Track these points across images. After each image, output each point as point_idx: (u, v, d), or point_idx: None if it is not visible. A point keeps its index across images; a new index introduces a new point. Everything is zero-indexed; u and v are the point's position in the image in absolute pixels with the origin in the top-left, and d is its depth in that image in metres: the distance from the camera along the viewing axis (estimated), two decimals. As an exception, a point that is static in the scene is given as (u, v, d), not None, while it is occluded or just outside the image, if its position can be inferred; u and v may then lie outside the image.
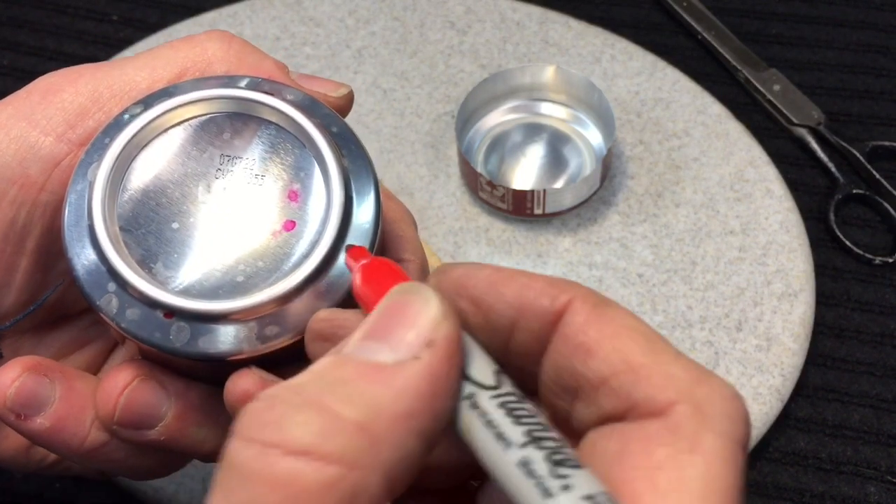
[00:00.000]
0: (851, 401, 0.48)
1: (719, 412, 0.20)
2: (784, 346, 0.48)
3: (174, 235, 0.26)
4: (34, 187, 0.28)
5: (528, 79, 0.56)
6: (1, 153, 0.28)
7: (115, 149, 0.27)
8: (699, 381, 0.21)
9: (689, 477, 0.19)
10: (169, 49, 0.30)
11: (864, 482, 0.45)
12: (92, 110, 0.29)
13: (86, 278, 0.26)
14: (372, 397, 0.20)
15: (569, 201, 0.52)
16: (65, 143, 0.28)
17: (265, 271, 0.26)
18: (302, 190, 0.27)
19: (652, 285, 0.50)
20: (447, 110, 0.58)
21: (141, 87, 0.29)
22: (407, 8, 0.63)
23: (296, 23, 0.62)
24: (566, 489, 0.19)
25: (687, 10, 0.63)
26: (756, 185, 0.54)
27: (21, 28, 0.65)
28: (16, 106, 0.29)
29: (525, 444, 0.20)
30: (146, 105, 0.28)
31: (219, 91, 0.28)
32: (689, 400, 0.20)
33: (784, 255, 0.51)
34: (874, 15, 0.63)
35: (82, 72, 0.29)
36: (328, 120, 0.28)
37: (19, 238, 0.29)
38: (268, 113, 0.28)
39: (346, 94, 0.31)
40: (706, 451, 0.19)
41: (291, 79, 0.30)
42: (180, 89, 0.28)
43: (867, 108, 0.58)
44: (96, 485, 0.47)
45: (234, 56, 0.30)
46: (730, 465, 0.20)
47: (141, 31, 0.63)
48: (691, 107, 0.57)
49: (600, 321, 0.21)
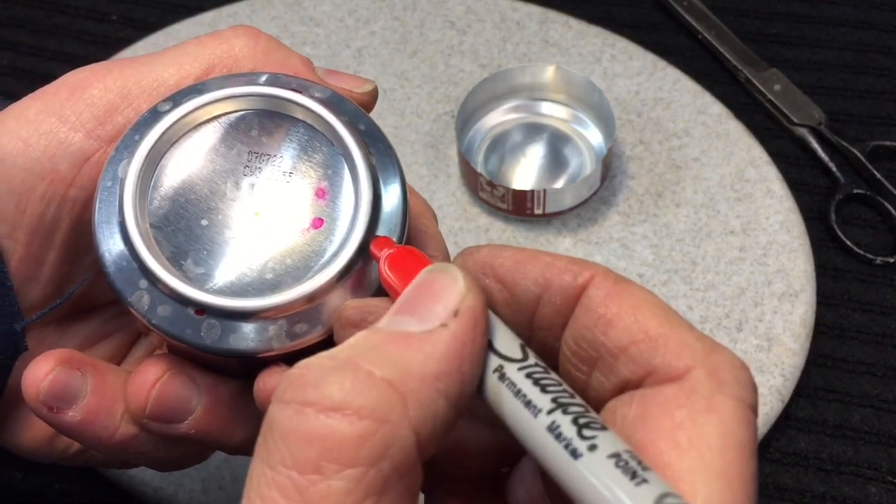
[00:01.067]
0: (852, 401, 0.48)
1: (732, 378, 0.21)
2: (785, 347, 0.48)
3: (203, 232, 0.27)
4: (63, 183, 0.29)
5: (529, 78, 0.56)
6: (31, 148, 0.28)
7: (145, 146, 0.27)
8: (713, 350, 0.22)
9: (707, 434, 0.20)
10: (196, 45, 0.30)
11: (864, 482, 0.45)
12: (121, 107, 0.29)
13: (117, 275, 0.26)
14: (401, 359, 0.21)
15: (569, 201, 0.52)
16: (94, 140, 0.29)
17: (294, 269, 0.27)
18: (330, 188, 0.27)
19: (652, 285, 0.50)
20: (447, 110, 0.58)
21: (169, 83, 0.29)
22: (407, 8, 0.63)
23: (296, 23, 0.62)
24: (592, 449, 0.20)
25: (687, 10, 0.63)
26: (757, 185, 0.54)
27: (21, 28, 0.65)
28: (44, 101, 0.29)
29: (552, 410, 0.21)
30: (175, 102, 0.28)
31: (248, 88, 0.28)
32: (704, 365, 0.21)
33: (785, 255, 0.51)
34: (875, 14, 0.62)
35: (111, 68, 0.29)
36: (355, 117, 0.28)
37: (48, 232, 0.29)
38: (296, 110, 0.28)
39: (371, 90, 0.31)
40: (722, 410, 0.21)
41: (317, 75, 0.30)
42: (209, 86, 0.28)
43: (868, 108, 0.58)
44: (96, 485, 0.47)
45: (260, 52, 0.30)
46: (744, 424, 0.21)
47: (141, 30, 0.63)
48: (692, 107, 0.57)
49: (620, 295, 0.23)
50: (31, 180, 0.28)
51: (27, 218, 0.29)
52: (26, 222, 0.29)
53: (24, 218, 0.28)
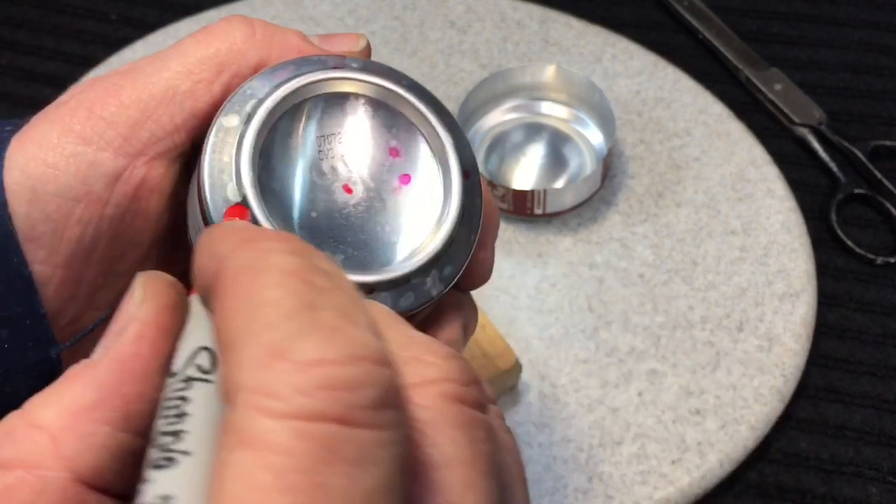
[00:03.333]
0: (853, 401, 0.48)
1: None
2: (785, 347, 0.48)
3: (318, 223, 0.28)
4: (99, 203, 0.28)
5: (529, 78, 0.55)
6: (61, 174, 0.28)
7: (245, 174, 0.27)
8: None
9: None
10: (197, 46, 0.30)
11: (865, 483, 0.45)
12: (141, 120, 0.29)
13: None
14: (63, 396, 0.21)
15: (569, 201, 0.51)
16: (123, 157, 0.28)
17: (413, 223, 0.28)
18: (400, 144, 0.29)
19: (653, 285, 0.50)
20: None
21: (182, 90, 0.29)
22: (407, 7, 0.62)
23: (296, 22, 0.62)
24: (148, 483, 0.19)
25: (688, 10, 0.62)
26: (757, 185, 0.54)
27: (20, 27, 0.64)
28: (63, 124, 0.29)
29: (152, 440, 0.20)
30: (237, 114, 0.28)
31: (300, 80, 0.28)
32: (246, 389, 0.18)
33: (785, 255, 0.51)
34: (876, 14, 0.62)
35: (121, 83, 0.29)
36: (394, 75, 0.29)
37: (87, 253, 0.29)
38: (345, 85, 0.29)
39: (366, 44, 0.32)
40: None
41: (315, 45, 0.31)
42: (260, 88, 0.28)
43: (869, 108, 0.58)
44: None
45: (261, 40, 0.30)
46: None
47: (140, 30, 0.63)
48: (692, 106, 0.57)
49: (226, 296, 0.19)
50: (67, 205, 0.28)
51: (65, 243, 0.28)
52: (64, 247, 0.28)
53: (62, 243, 0.28)
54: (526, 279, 0.50)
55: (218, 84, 0.29)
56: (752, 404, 0.46)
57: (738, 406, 0.46)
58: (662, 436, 0.45)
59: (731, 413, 0.46)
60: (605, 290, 0.50)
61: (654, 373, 0.47)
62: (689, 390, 0.47)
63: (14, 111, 0.60)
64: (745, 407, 0.46)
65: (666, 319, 0.49)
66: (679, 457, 0.45)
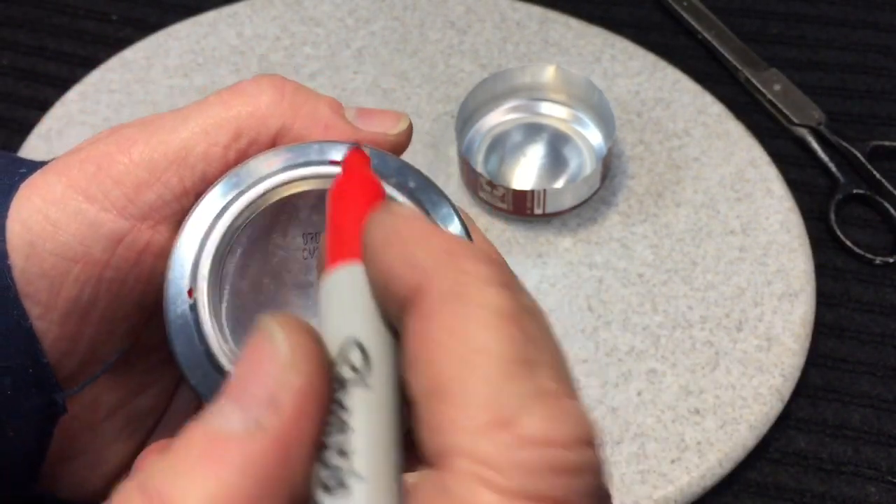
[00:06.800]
0: (852, 401, 0.48)
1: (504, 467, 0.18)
2: (784, 347, 0.48)
3: None
4: (97, 265, 0.27)
5: (528, 79, 0.56)
6: (61, 232, 0.27)
7: (203, 267, 0.25)
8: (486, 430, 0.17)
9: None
10: (220, 106, 0.28)
11: (864, 482, 0.45)
12: (149, 181, 0.27)
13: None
14: (209, 483, 0.18)
15: (569, 201, 0.52)
16: (126, 219, 0.27)
17: None
18: None
19: (652, 285, 0.50)
20: (447, 110, 0.58)
21: (196, 151, 0.28)
22: (407, 8, 0.63)
23: (296, 23, 0.62)
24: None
25: (687, 10, 0.63)
26: (756, 185, 0.54)
27: (20, 27, 0.65)
28: (70, 177, 0.27)
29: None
30: (216, 203, 0.26)
31: (289, 174, 0.26)
32: (467, 456, 0.17)
33: (784, 255, 0.51)
34: (875, 14, 0.62)
35: (135, 138, 0.28)
36: (402, 176, 0.27)
37: (83, 312, 0.28)
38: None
39: (407, 128, 0.29)
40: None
41: (347, 120, 0.29)
42: (247, 176, 0.27)
43: (868, 108, 0.58)
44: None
45: (287, 107, 0.28)
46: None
47: (140, 30, 0.63)
48: (692, 107, 0.57)
49: (435, 320, 0.18)
50: (63, 265, 0.27)
51: (61, 301, 0.27)
52: (60, 305, 0.27)
53: (58, 301, 0.27)
54: (525, 279, 0.51)
55: (233, 150, 0.28)
56: (752, 404, 0.46)
57: (738, 405, 0.46)
58: (662, 435, 0.45)
59: (730, 412, 0.46)
60: (605, 290, 0.50)
61: (653, 372, 0.47)
62: (689, 390, 0.47)
63: (14, 111, 0.60)
64: (745, 406, 0.46)
65: (665, 319, 0.49)
66: (678, 456, 0.45)
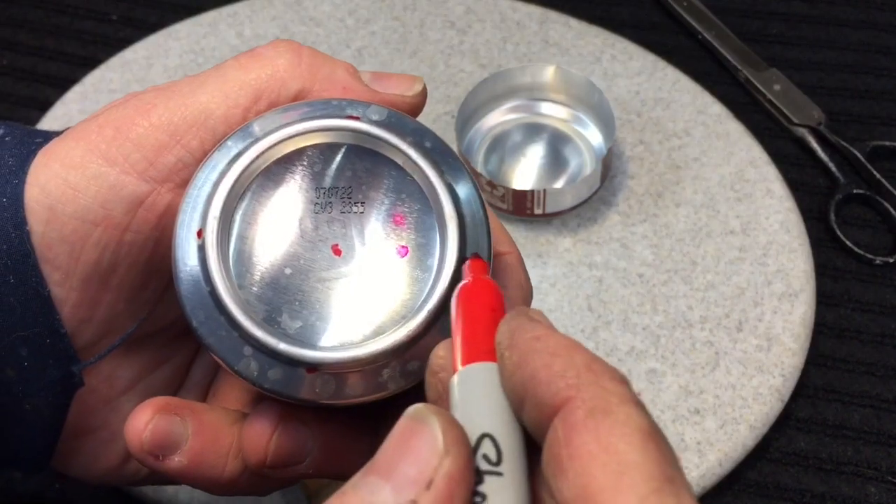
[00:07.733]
0: (852, 401, 0.48)
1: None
2: (784, 347, 0.48)
3: (290, 282, 0.26)
4: (118, 229, 0.27)
5: (528, 79, 0.56)
6: (81, 195, 0.27)
7: (215, 207, 0.25)
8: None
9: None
10: (238, 70, 0.28)
11: (864, 482, 0.45)
12: (170, 144, 0.27)
13: (219, 346, 0.25)
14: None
15: (569, 201, 0.52)
16: (146, 182, 0.27)
17: (393, 305, 0.25)
18: (407, 212, 0.26)
19: (652, 285, 0.50)
20: (447, 110, 0.58)
21: (216, 114, 0.28)
22: (407, 8, 0.63)
23: (296, 23, 0.62)
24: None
25: (687, 10, 0.63)
26: (756, 185, 0.54)
27: (21, 28, 0.65)
28: (89, 142, 0.27)
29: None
30: (233, 151, 0.26)
31: (304, 125, 0.26)
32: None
33: (784, 255, 0.51)
34: (875, 14, 0.62)
35: (154, 102, 0.28)
36: (419, 135, 0.27)
37: (103, 278, 0.28)
38: (358, 139, 0.26)
39: (422, 90, 0.29)
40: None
41: (364, 83, 0.29)
42: (264, 126, 0.27)
43: (868, 108, 0.58)
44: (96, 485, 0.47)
45: (305, 70, 0.28)
46: None
47: (140, 30, 0.63)
48: (691, 107, 0.57)
49: (584, 433, 0.19)
50: (83, 228, 0.27)
51: (81, 265, 0.27)
52: (80, 270, 0.27)
53: (77, 265, 0.27)
54: (526, 279, 0.51)
55: (253, 111, 0.28)
56: (752, 404, 0.46)
57: (738, 405, 0.46)
58: (662, 435, 0.45)
59: (730, 412, 0.46)
60: (605, 290, 0.50)
61: (653, 372, 0.47)
62: (689, 390, 0.47)
63: (15, 111, 0.60)
64: (745, 406, 0.46)
65: (665, 319, 0.49)
66: (678, 456, 0.45)
